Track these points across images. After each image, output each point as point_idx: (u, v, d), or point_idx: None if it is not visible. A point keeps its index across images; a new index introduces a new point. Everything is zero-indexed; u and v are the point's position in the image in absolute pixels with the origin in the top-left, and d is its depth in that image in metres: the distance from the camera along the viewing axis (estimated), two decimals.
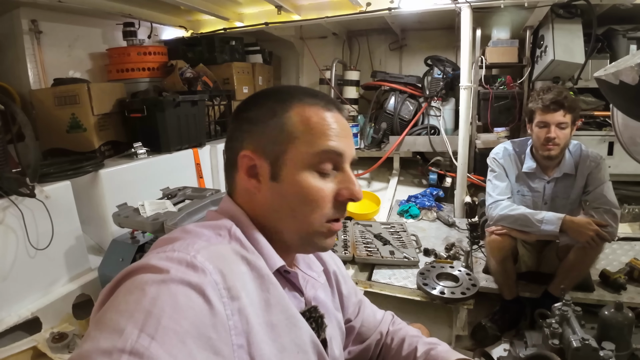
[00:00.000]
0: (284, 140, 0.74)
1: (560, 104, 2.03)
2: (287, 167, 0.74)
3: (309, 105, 0.76)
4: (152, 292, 0.54)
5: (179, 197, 2.40)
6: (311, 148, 0.74)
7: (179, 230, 0.73)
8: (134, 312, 0.52)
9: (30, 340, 2.13)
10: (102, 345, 0.49)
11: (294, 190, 0.74)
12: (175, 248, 0.63)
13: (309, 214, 0.74)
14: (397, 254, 2.66)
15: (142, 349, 0.49)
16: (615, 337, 1.57)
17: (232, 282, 0.62)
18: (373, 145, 4.21)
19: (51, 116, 2.92)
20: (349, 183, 0.77)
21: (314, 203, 0.74)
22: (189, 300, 0.56)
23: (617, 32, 3.39)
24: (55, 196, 2.32)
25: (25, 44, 3.05)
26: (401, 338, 1.06)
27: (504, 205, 2.20)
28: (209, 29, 4.19)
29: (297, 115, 0.75)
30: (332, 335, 0.87)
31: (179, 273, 0.58)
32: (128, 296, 0.55)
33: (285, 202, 0.75)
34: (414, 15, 3.59)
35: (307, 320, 0.76)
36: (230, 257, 0.66)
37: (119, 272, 0.62)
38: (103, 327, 0.51)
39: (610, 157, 3.29)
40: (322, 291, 0.90)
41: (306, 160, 0.74)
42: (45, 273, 2.33)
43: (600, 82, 1.49)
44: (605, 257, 2.60)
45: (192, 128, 3.30)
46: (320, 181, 0.75)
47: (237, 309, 0.61)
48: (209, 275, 0.59)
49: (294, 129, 0.74)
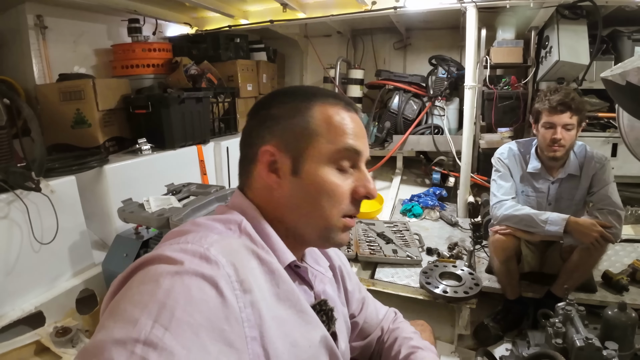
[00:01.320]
0: (306, 136, 0.77)
1: (568, 106, 2.03)
2: (308, 162, 0.76)
3: (331, 105, 0.79)
4: (166, 283, 0.55)
5: (183, 193, 2.40)
6: (333, 145, 0.76)
7: (189, 223, 0.74)
8: (148, 303, 0.53)
9: (33, 335, 2.13)
10: (116, 335, 0.49)
11: (315, 185, 0.76)
12: (189, 240, 0.64)
13: (328, 208, 0.76)
14: (400, 252, 2.66)
15: (156, 340, 0.49)
16: (618, 337, 1.57)
17: (244, 275, 0.62)
18: (376, 144, 4.21)
19: (56, 111, 2.92)
20: (365, 181, 0.79)
21: (333, 198, 0.76)
22: (203, 292, 0.56)
23: (622, 33, 3.39)
24: (60, 191, 2.33)
25: (31, 39, 3.05)
26: (394, 338, 1.07)
27: (508, 205, 2.20)
28: (214, 26, 4.20)
29: (321, 113, 0.78)
30: (340, 330, 0.88)
31: (192, 265, 0.58)
32: (142, 287, 0.56)
33: (306, 197, 0.76)
34: (419, 15, 3.60)
35: (317, 314, 0.77)
36: (242, 251, 0.67)
37: (132, 263, 0.62)
38: (117, 318, 0.52)
39: (614, 159, 3.28)
40: (329, 286, 0.91)
41: (327, 156, 0.76)
42: (50, 267, 2.33)
43: (606, 83, 1.48)
44: (608, 259, 2.60)
45: (196, 125, 3.30)
46: (339, 177, 0.77)
47: (249, 301, 0.61)
48: (222, 268, 0.60)
49: (317, 127, 0.77)
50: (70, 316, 2.31)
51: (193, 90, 3.41)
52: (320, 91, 0.83)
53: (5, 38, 3.14)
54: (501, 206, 2.22)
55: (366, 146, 0.82)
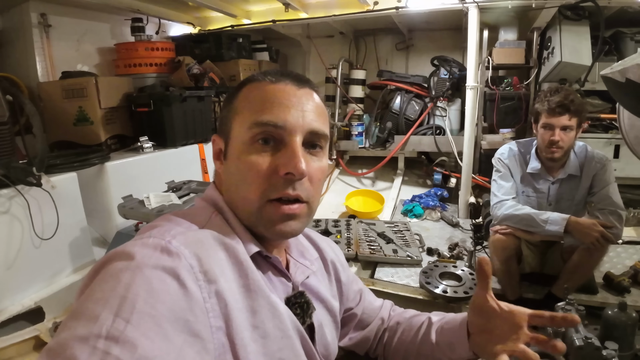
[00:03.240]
0: (230, 118, 0.77)
1: (566, 108, 2.02)
2: (231, 144, 0.76)
3: (258, 82, 0.76)
4: (127, 278, 0.55)
5: (184, 191, 2.41)
6: (247, 121, 0.72)
7: (161, 218, 0.74)
8: (109, 298, 0.52)
9: (32, 330, 2.13)
10: (78, 333, 0.49)
11: (234, 166, 0.74)
12: (152, 234, 0.64)
13: (246, 191, 0.72)
14: (400, 252, 2.65)
15: (118, 333, 0.49)
16: (618, 337, 1.56)
17: (208, 266, 0.62)
18: (378, 145, 4.21)
19: (58, 109, 2.93)
20: (288, 157, 0.70)
21: (248, 178, 0.71)
22: (164, 284, 0.56)
23: (624, 34, 3.38)
24: (61, 187, 2.33)
25: (34, 37, 3.07)
26: (410, 316, 1.07)
27: (508, 204, 2.20)
28: (217, 26, 4.23)
29: (243, 93, 0.77)
30: (323, 321, 0.87)
31: (153, 258, 0.59)
32: (103, 284, 0.55)
33: (232, 180, 0.75)
34: (421, 15, 3.60)
35: (291, 306, 0.76)
36: (209, 242, 0.67)
37: (97, 261, 0.62)
38: (79, 316, 0.52)
39: (616, 160, 3.27)
40: (314, 278, 0.89)
41: (244, 134, 0.73)
42: (50, 263, 2.34)
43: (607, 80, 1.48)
44: (610, 260, 2.58)
45: (198, 123, 3.31)
46: (255, 155, 0.71)
47: (214, 291, 0.61)
48: (183, 259, 0.60)
49: (238, 105, 0.76)
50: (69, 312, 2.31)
51: (195, 89, 3.42)
52: (262, 73, 0.79)
53: (9, 36, 3.16)
54: (501, 206, 2.22)
55: (297, 117, 0.72)
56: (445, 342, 0.94)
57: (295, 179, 0.70)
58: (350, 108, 4.43)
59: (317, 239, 1.02)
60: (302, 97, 0.74)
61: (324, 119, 0.77)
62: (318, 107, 0.76)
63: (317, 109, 0.76)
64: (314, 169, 0.75)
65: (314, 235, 1.02)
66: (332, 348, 0.90)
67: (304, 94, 0.75)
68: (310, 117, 0.74)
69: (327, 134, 0.78)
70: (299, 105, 0.73)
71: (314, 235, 1.02)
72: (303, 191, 0.73)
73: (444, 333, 0.95)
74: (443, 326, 0.97)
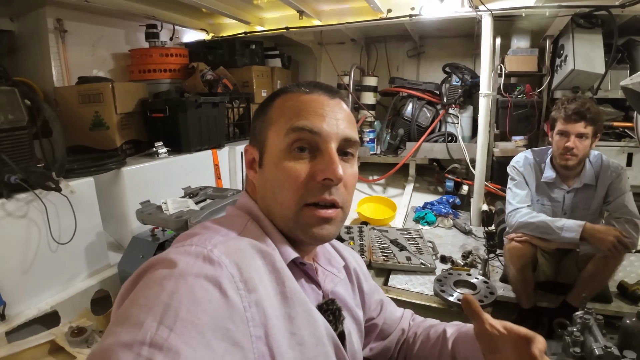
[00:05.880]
0: (265, 128, 0.79)
1: (582, 115, 2.03)
2: (267, 152, 0.78)
3: (292, 93, 0.79)
4: (170, 286, 0.56)
5: (200, 196, 2.43)
6: (283, 128, 0.75)
7: (199, 226, 0.75)
8: (153, 305, 0.53)
9: (48, 334, 2.15)
10: (122, 339, 0.50)
11: (271, 173, 0.76)
12: (194, 242, 0.65)
13: (283, 196, 0.74)
14: (413, 260, 2.65)
15: (161, 341, 0.50)
16: (636, 346, 1.56)
17: (248, 275, 0.63)
18: (390, 151, 4.22)
19: (75, 114, 2.97)
20: (326, 163, 0.72)
21: (286, 184, 0.73)
22: (206, 292, 0.57)
23: (637, 42, 3.36)
24: (78, 192, 2.35)
25: (50, 42, 3.10)
26: (428, 326, 1.07)
27: (523, 212, 2.19)
28: (230, 33, 4.25)
29: (278, 103, 0.80)
30: (351, 330, 0.88)
31: (195, 267, 0.59)
32: (147, 291, 0.56)
33: (268, 187, 0.77)
34: (434, 23, 3.60)
35: (324, 313, 0.77)
36: (247, 251, 0.68)
37: (139, 267, 0.63)
38: (124, 322, 0.53)
39: (629, 169, 3.24)
40: (341, 286, 0.90)
41: (280, 142, 0.75)
42: (66, 267, 2.36)
43: (626, 91, 1.49)
44: (623, 269, 2.57)
45: (212, 129, 3.34)
46: (293, 162, 0.74)
47: (254, 301, 0.62)
48: (225, 268, 0.61)
49: (273, 115, 0.78)
50: (85, 316, 2.33)
51: (209, 95, 3.45)
52: (294, 84, 0.82)
53: (25, 40, 3.20)
54: (517, 214, 2.22)
55: (332, 125, 0.75)
56: (462, 357, 0.94)
57: (332, 184, 0.73)
58: (362, 115, 4.44)
59: (340, 247, 1.03)
60: (334, 106, 0.78)
61: (353, 126, 0.80)
62: (348, 115, 0.80)
63: (347, 117, 0.79)
64: (349, 175, 0.77)
65: (337, 244, 1.03)
66: (358, 356, 0.90)
67: (335, 104, 0.78)
68: (343, 125, 0.77)
69: (358, 141, 0.80)
70: (332, 114, 0.76)
71: (337, 243, 1.03)
72: (339, 196, 0.75)
73: (460, 347, 0.95)
74: (458, 340, 0.97)
